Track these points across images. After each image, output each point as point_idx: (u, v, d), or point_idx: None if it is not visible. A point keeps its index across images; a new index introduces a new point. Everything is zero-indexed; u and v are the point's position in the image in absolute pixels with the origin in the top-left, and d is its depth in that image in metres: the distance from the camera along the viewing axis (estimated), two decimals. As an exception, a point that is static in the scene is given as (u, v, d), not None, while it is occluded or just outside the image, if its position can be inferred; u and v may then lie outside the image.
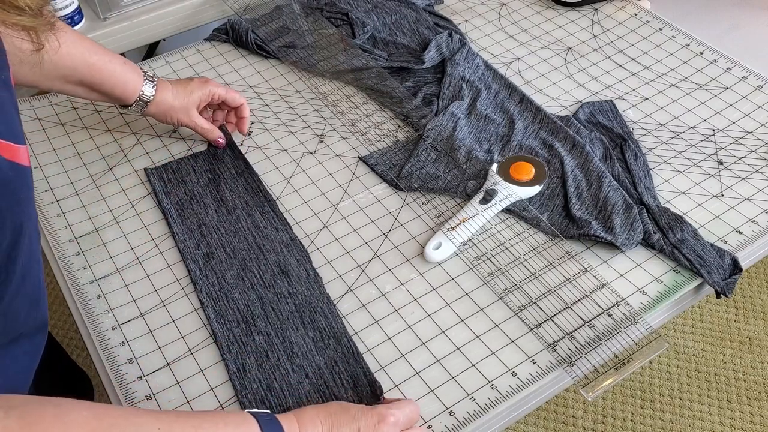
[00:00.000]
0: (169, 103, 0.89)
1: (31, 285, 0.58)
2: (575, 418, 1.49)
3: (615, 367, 0.70)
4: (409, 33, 1.12)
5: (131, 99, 0.87)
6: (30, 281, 0.58)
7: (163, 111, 0.89)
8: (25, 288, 0.57)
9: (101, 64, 0.83)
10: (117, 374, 0.71)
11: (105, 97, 0.87)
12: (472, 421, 0.67)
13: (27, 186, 0.55)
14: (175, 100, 0.89)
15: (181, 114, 0.90)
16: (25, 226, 0.54)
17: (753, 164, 0.91)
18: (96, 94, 0.86)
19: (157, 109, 0.89)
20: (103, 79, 0.84)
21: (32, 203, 0.58)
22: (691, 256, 0.79)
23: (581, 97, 1.02)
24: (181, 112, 0.90)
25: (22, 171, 0.54)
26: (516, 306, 0.76)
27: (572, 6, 1.19)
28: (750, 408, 1.50)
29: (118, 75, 0.85)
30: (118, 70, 0.85)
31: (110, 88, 0.85)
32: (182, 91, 0.89)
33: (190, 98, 0.90)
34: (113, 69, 0.85)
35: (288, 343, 0.72)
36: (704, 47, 1.09)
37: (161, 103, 0.88)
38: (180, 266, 0.81)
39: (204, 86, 0.90)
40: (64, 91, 0.85)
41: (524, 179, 0.86)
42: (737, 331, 1.63)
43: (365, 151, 0.95)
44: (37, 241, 0.59)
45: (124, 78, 0.86)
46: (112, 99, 0.88)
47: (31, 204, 0.56)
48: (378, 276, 0.80)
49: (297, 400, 0.68)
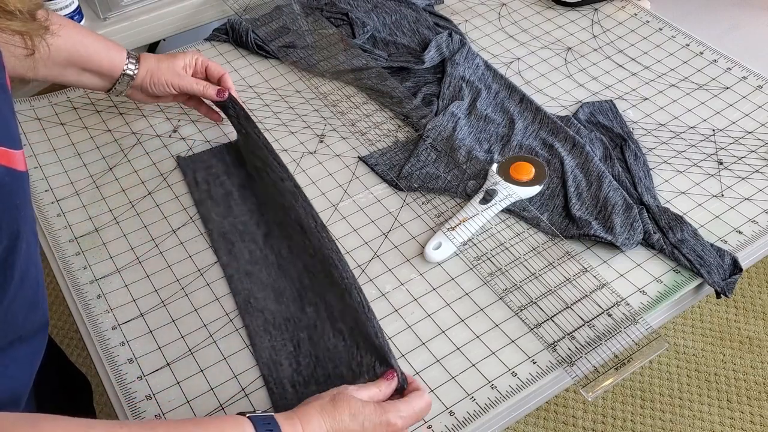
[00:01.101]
0: (155, 66, 0.89)
1: (29, 288, 0.58)
2: (575, 418, 1.49)
3: (615, 367, 0.70)
4: (409, 33, 1.12)
5: (118, 70, 0.87)
6: (28, 284, 0.58)
7: (150, 74, 0.89)
8: (24, 291, 0.57)
9: (86, 39, 0.84)
10: (117, 374, 0.71)
11: (94, 75, 0.86)
12: (472, 421, 0.67)
13: (23, 191, 0.55)
14: (159, 63, 0.89)
15: (168, 75, 0.89)
16: (22, 230, 0.54)
17: (753, 164, 0.91)
18: (86, 74, 0.86)
19: (145, 74, 0.88)
20: (90, 53, 0.84)
21: (29, 208, 0.57)
22: (691, 256, 0.79)
23: (581, 97, 1.02)
24: (168, 73, 0.89)
25: (19, 176, 0.53)
26: (516, 306, 0.76)
27: (572, 6, 1.19)
28: (750, 408, 1.50)
29: (103, 47, 0.85)
30: (102, 44, 0.85)
31: (98, 62, 0.85)
32: (165, 57, 0.90)
33: (175, 62, 0.90)
34: (98, 43, 0.85)
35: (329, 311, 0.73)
36: (704, 47, 1.09)
37: (147, 66, 0.88)
38: (180, 266, 0.81)
39: (186, 54, 0.91)
40: (51, 75, 0.84)
41: (524, 179, 0.86)
42: (737, 331, 1.63)
43: (365, 151, 0.95)
44: (35, 244, 0.59)
45: (109, 50, 0.86)
46: (101, 75, 0.87)
47: (28, 208, 0.56)
48: (378, 276, 0.80)
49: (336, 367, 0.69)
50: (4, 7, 0.48)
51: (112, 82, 0.88)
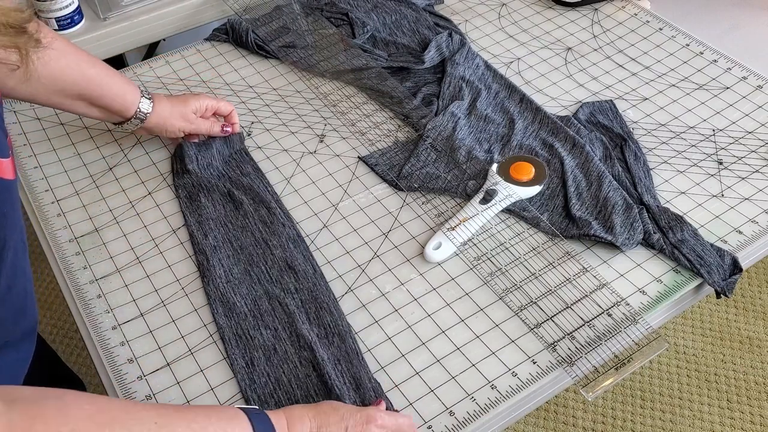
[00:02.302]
0: (168, 113, 0.89)
1: (16, 296, 0.58)
2: (575, 418, 1.49)
3: (615, 367, 0.70)
4: (409, 33, 1.12)
5: (129, 111, 0.86)
6: (15, 292, 0.58)
7: (163, 120, 0.89)
8: (11, 298, 0.57)
9: (100, 76, 0.83)
10: (117, 374, 0.71)
11: (104, 111, 0.86)
12: (472, 421, 0.67)
13: (11, 199, 0.55)
14: (173, 109, 0.89)
15: (179, 121, 0.90)
16: (8, 239, 0.54)
17: (753, 164, 0.91)
18: (95, 108, 0.85)
19: (158, 119, 0.88)
20: (103, 91, 0.83)
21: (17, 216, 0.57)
22: (691, 256, 0.79)
23: (581, 97, 1.02)
24: (180, 120, 0.90)
25: (6, 185, 0.53)
26: (516, 306, 0.76)
27: (572, 6, 1.19)
28: (750, 408, 1.50)
29: (117, 87, 0.84)
30: (117, 82, 0.84)
31: (110, 100, 0.84)
32: (178, 101, 0.90)
33: (186, 107, 0.90)
34: (112, 81, 0.84)
35: (295, 337, 0.72)
36: (704, 47, 1.09)
37: (161, 113, 0.88)
38: (180, 266, 0.81)
39: (198, 98, 0.91)
40: (63, 106, 0.84)
41: (524, 179, 0.86)
42: (737, 331, 1.63)
43: (365, 151, 0.95)
44: (23, 252, 0.59)
45: (123, 90, 0.85)
46: (111, 112, 0.86)
47: (15, 216, 0.56)
48: (378, 276, 0.80)
49: (305, 394, 0.68)
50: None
51: (121, 119, 0.88)
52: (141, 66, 1.10)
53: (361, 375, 0.70)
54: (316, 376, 0.69)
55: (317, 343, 0.72)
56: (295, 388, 0.69)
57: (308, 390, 0.69)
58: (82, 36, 1.11)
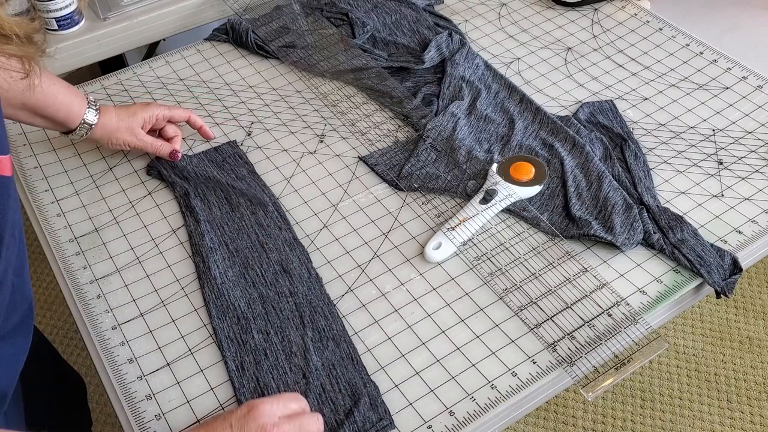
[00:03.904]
0: (114, 125, 0.87)
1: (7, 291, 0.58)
2: (575, 418, 1.49)
3: (615, 367, 0.70)
4: (409, 33, 1.12)
5: (75, 122, 0.85)
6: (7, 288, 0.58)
7: (108, 133, 0.88)
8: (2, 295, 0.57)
9: (44, 86, 0.81)
10: (117, 374, 0.71)
11: (48, 121, 0.85)
12: (472, 421, 0.67)
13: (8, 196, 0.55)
14: (119, 121, 0.88)
15: (126, 135, 0.88)
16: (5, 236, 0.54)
17: (753, 164, 0.91)
18: (38, 118, 0.84)
19: (103, 132, 0.87)
20: (47, 101, 0.82)
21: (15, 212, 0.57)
22: (691, 256, 0.79)
23: (581, 97, 1.02)
24: (126, 133, 0.88)
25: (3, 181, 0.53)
26: (516, 306, 0.76)
27: (572, 6, 1.19)
28: (750, 408, 1.50)
29: (62, 98, 0.83)
30: (62, 93, 0.83)
31: (53, 111, 0.83)
32: (125, 113, 0.88)
33: (133, 119, 0.88)
34: (56, 91, 0.83)
35: (287, 343, 0.72)
36: (704, 47, 1.09)
37: (106, 125, 0.87)
38: (180, 266, 0.81)
39: (146, 108, 0.89)
40: (6, 115, 0.82)
41: (524, 179, 0.86)
42: (737, 331, 1.63)
43: (365, 151, 0.95)
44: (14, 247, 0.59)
45: (68, 100, 0.84)
46: (55, 124, 0.86)
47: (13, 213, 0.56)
48: (378, 276, 0.80)
49: None
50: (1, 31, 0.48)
51: (67, 129, 0.87)
52: (141, 66, 1.10)
53: (356, 380, 0.70)
54: (305, 383, 0.69)
55: (311, 349, 0.72)
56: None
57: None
58: (82, 36, 1.11)
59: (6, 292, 0.58)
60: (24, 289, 0.64)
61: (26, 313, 0.65)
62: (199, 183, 0.89)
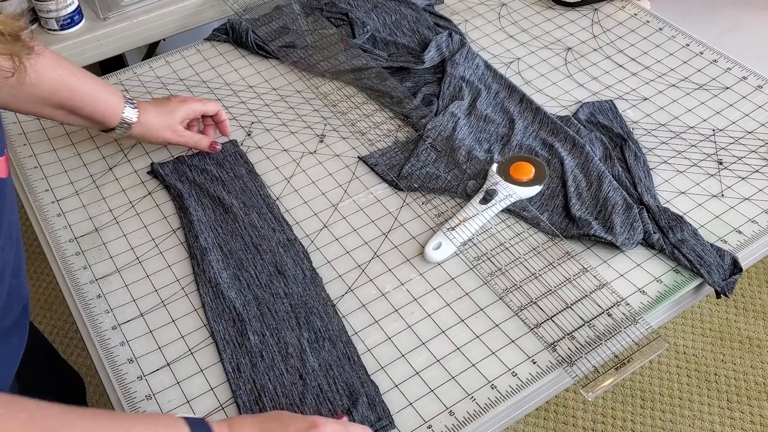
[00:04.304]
0: (154, 123, 0.88)
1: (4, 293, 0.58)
2: (575, 418, 1.49)
3: (615, 367, 0.70)
4: (409, 33, 1.12)
5: (112, 122, 0.85)
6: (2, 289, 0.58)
7: (148, 131, 0.88)
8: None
9: (81, 86, 0.81)
10: (117, 374, 0.71)
11: (85, 120, 0.85)
12: (472, 421, 0.67)
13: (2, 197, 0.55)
14: (159, 119, 0.88)
15: (167, 133, 0.89)
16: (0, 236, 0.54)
17: (753, 164, 0.91)
18: (76, 117, 0.84)
19: (143, 130, 0.88)
20: (83, 101, 0.82)
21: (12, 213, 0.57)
22: (691, 256, 0.79)
23: (581, 97, 1.02)
24: (166, 131, 0.89)
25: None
26: (516, 306, 0.76)
27: (572, 6, 1.19)
28: (750, 408, 1.50)
29: (98, 97, 0.83)
30: (98, 92, 0.83)
31: (90, 111, 0.83)
32: (164, 110, 0.88)
33: (173, 117, 0.88)
34: (93, 91, 0.83)
35: (283, 344, 0.72)
36: (704, 47, 1.09)
37: (145, 123, 0.87)
38: (180, 266, 0.81)
39: (184, 104, 0.89)
40: (43, 114, 0.82)
41: (524, 179, 0.86)
42: (737, 331, 1.63)
43: (365, 151, 0.95)
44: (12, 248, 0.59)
45: (105, 100, 0.84)
46: (93, 123, 0.86)
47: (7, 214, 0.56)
48: (378, 276, 0.80)
49: (290, 401, 0.68)
50: None
51: (105, 127, 0.87)
52: (141, 66, 1.10)
53: (354, 380, 0.70)
54: (302, 384, 0.69)
55: (307, 350, 0.72)
56: (280, 396, 0.68)
57: (293, 398, 0.68)
58: (82, 36, 1.11)
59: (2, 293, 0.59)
60: (21, 290, 0.64)
61: (21, 313, 0.65)
62: (195, 185, 0.89)
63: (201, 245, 0.81)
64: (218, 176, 0.90)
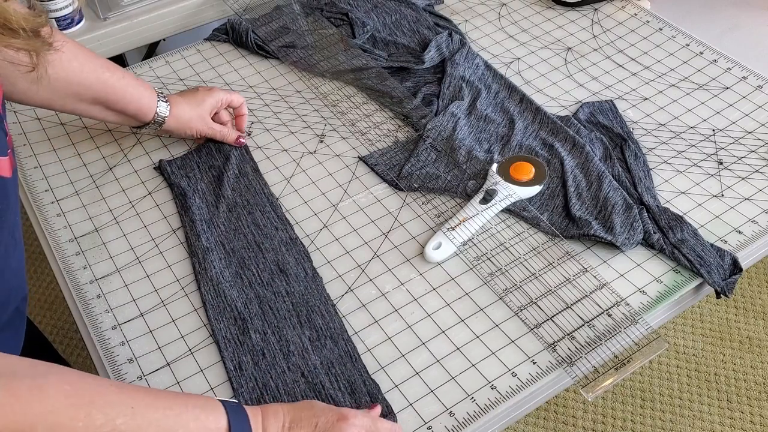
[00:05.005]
0: (187, 115, 0.89)
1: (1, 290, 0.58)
2: (575, 418, 1.49)
3: (615, 367, 0.70)
4: (409, 33, 1.12)
5: (146, 116, 0.87)
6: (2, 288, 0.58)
7: (182, 123, 0.89)
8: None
9: (115, 80, 0.83)
10: (117, 374, 0.71)
11: (119, 115, 0.87)
12: (472, 421, 0.67)
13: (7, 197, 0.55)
14: (190, 110, 0.89)
15: (199, 124, 0.90)
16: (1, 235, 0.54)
17: (753, 164, 0.91)
18: (111, 112, 0.86)
19: (177, 124, 0.89)
20: (118, 96, 0.83)
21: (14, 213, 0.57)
22: (691, 256, 0.79)
23: (581, 97, 1.02)
24: (199, 122, 0.90)
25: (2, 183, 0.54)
26: (516, 306, 0.76)
27: (572, 6, 1.19)
28: (750, 408, 1.50)
29: (133, 91, 0.85)
30: (132, 86, 0.85)
31: (125, 105, 0.85)
32: (194, 100, 0.90)
33: (203, 107, 0.90)
34: (127, 85, 0.84)
35: (284, 342, 0.72)
36: (704, 47, 1.09)
37: (179, 117, 0.89)
38: (180, 266, 0.81)
39: (212, 94, 0.91)
40: (77, 110, 0.84)
41: (524, 179, 0.86)
42: (737, 331, 1.63)
43: (365, 151, 0.95)
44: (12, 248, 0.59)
45: (139, 94, 0.85)
46: (126, 117, 0.87)
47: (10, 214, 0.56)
48: (378, 276, 0.80)
49: (292, 399, 0.68)
50: (8, 25, 0.49)
51: (139, 123, 0.88)
52: (141, 66, 1.10)
53: (356, 378, 0.70)
54: (304, 382, 0.69)
55: (309, 348, 0.72)
56: (282, 393, 0.68)
57: (295, 396, 0.68)
58: (82, 36, 1.11)
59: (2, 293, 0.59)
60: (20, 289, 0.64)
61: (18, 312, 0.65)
62: (201, 181, 0.89)
63: (203, 244, 0.81)
64: (225, 172, 0.90)
